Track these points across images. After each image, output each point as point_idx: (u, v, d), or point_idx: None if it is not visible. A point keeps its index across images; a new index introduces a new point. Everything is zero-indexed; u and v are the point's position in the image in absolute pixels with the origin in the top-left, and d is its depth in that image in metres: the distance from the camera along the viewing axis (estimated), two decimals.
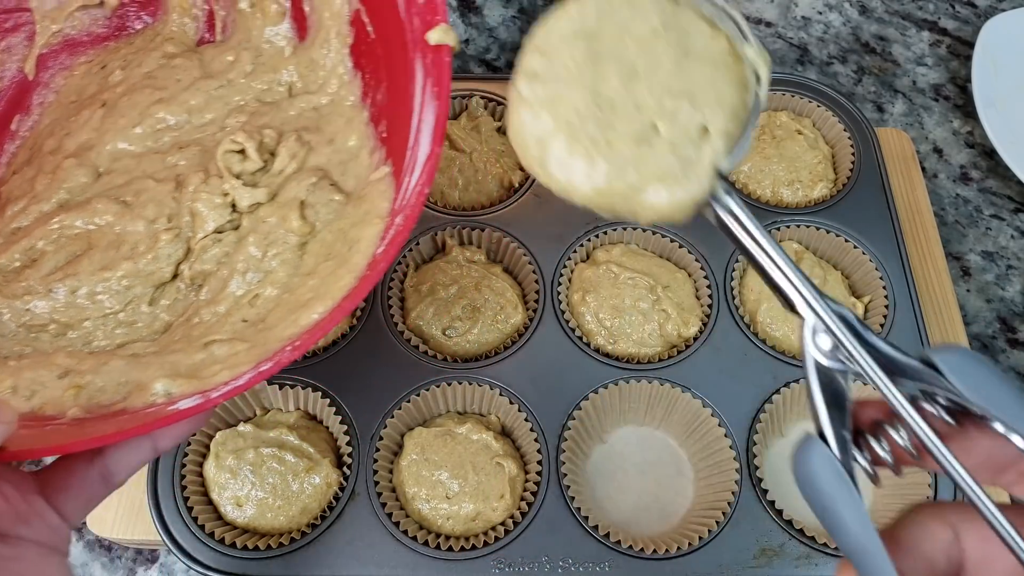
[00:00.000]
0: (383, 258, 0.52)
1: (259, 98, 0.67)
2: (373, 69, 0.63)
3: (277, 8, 0.67)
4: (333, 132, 0.63)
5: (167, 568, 0.80)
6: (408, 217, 0.51)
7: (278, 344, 0.51)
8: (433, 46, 0.53)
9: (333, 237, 0.58)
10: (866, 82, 1.12)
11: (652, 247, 0.88)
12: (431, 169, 0.52)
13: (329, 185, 0.60)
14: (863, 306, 0.84)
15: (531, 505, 0.73)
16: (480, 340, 0.81)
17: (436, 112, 0.53)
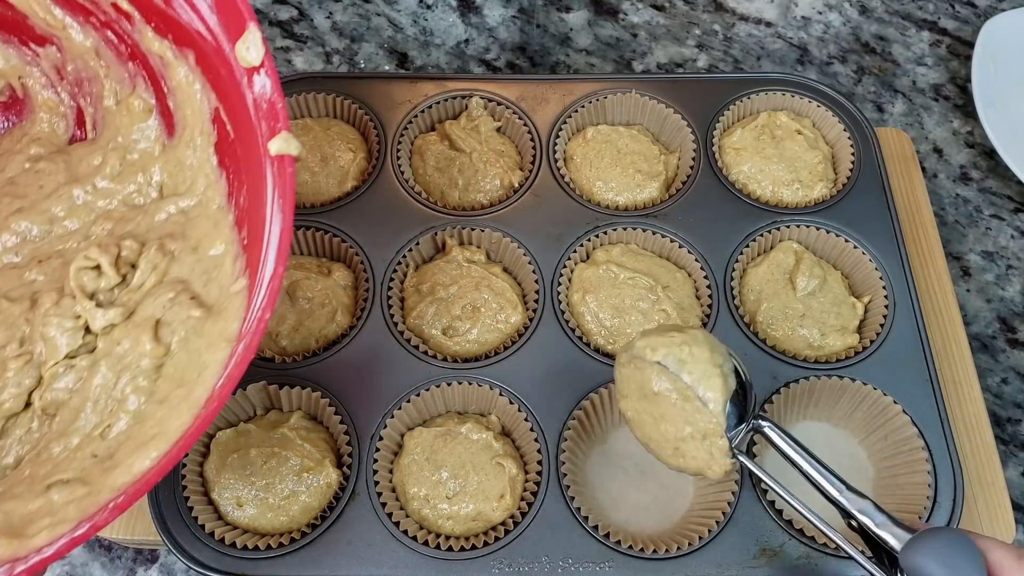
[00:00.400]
0: (219, 393, 0.48)
1: (127, 202, 0.64)
2: (236, 170, 0.60)
3: (142, 104, 0.64)
4: (199, 238, 0.60)
5: (167, 568, 0.80)
6: (248, 346, 0.49)
7: (110, 495, 0.48)
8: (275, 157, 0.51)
9: (188, 359, 0.55)
10: (866, 82, 1.12)
11: (652, 247, 0.88)
12: (274, 291, 0.49)
13: (189, 299, 0.57)
14: (863, 306, 0.84)
15: (531, 505, 0.73)
16: (480, 340, 0.81)
17: (281, 227, 0.50)
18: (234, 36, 0.53)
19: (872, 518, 0.59)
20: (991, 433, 0.80)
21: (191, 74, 0.59)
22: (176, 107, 0.62)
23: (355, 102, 0.94)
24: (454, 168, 0.90)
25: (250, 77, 0.53)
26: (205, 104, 0.60)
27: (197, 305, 0.57)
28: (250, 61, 0.53)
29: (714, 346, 0.63)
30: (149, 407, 0.54)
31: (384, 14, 1.18)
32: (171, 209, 0.62)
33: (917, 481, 0.74)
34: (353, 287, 0.85)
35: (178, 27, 0.58)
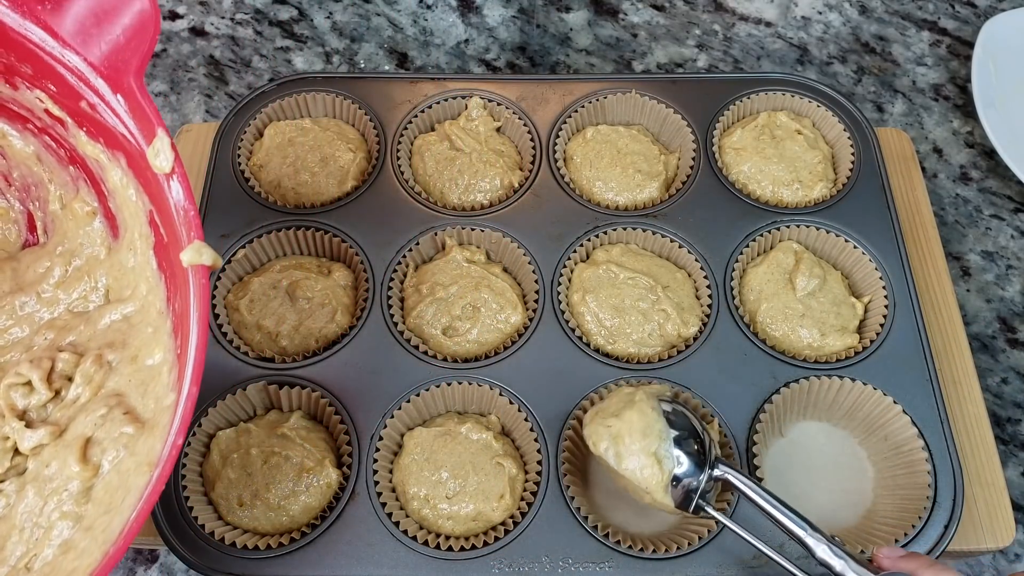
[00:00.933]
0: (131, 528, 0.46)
1: (72, 308, 0.63)
2: (171, 274, 0.58)
3: (86, 208, 0.64)
4: (139, 346, 0.59)
5: (167, 568, 0.80)
6: (160, 476, 0.46)
7: None
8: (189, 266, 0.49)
9: (119, 480, 0.52)
10: (866, 82, 1.12)
11: (652, 247, 0.88)
12: (187, 413, 0.47)
13: (123, 415, 0.55)
14: (863, 306, 0.84)
15: (531, 505, 0.73)
16: (480, 340, 0.81)
17: (197, 344, 0.48)
18: (149, 139, 0.52)
19: (834, 561, 0.62)
20: (991, 433, 0.79)
21: (125, 177, 0.59)
22: (117, 209, 0.62)
23: (355, 102, 0.94)
24: (454, 168, 0.90)
25: (168, 182, 0.52)
26: (140, 206, 0.59)
27: (131, 420, 0.55)
28: (160, 167, 0.52)
29: (647, 428, 0.67)
30: (76, 534, 0.52)
31: (384, 14, 1.18)
32: (114, 315, 0.62)
33: (917, 481, 0.74)
34: (353, 287, 0.85)
35: (106, 131, 0.57)
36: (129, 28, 0.52)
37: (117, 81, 0.53)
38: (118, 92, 0.53)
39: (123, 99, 0.53)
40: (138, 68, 0.52)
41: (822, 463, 0.80)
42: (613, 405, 0.70)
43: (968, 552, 0.75)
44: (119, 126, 0.55)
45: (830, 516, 0.77)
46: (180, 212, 0.51)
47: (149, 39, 0.52)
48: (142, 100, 0.52)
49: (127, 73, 0.52)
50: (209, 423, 0.76)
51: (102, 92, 0.54)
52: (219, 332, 0.80)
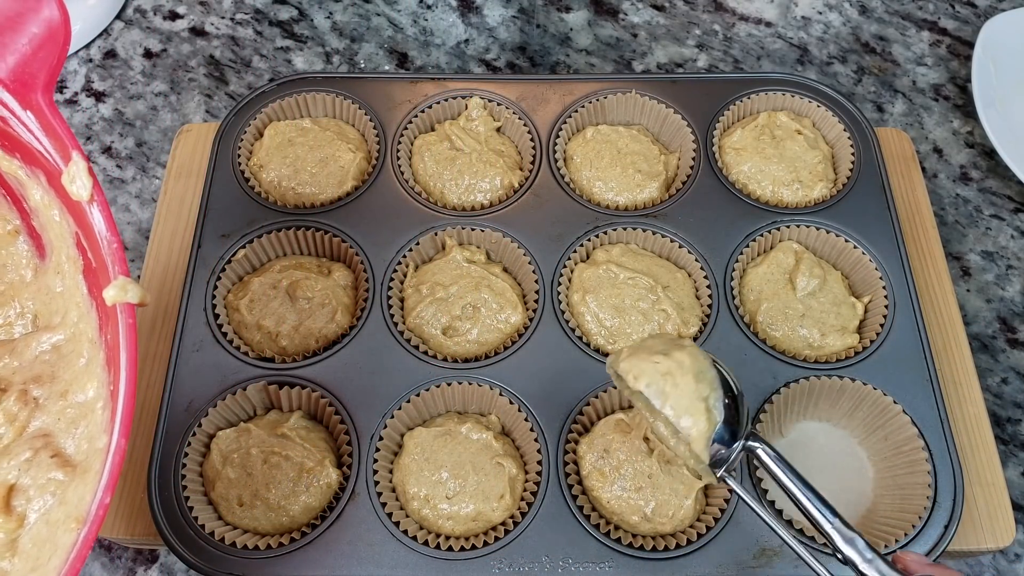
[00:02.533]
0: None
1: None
2: (102, 302, 0.51)
3: (7, 227, 0.59)
4: (70, 380, 0.53)
5: (167, 568, 0.80)
6: (87, 537, 0.42)
7: None
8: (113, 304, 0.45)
9: (48, 532, 0.48)
10: (866, 82, 1.12)
11: (652, 247, 0.88)
12: (115, 470, 0.42)
13: (50, 458, 0.51)
14: (863, 306, 0.84)
15: (531, 505, 0.73)
16: (480, 340, 0.81)
17: (125, 390, 0.44)
18: (65, 162, 0.48)
19: (862, 554, 0.58)
20: (991, 433, 0.79)
21: (46, 196, 0.54)
22: (41, 229, 0.57)
23: (355, 102, 0.94)
24: (454, 168, 0.90)
25: (88, 208, 0.47)
26: (66, 227, 0.54)
27: (60, 465, 0.50)
28: (77, 195, 0.47)
29: (700, 373, 0.62)
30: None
31: (384, 14, 1.18)
32: (43, 344, 0.56)
33: (917, 481, 0.74)
34: (353, 287, 0.85)
35: (22, 146, 0.53)
36: (36, 38, 0.48)
37: (25, 97, 0.49)
38: (27, 109, 0.49)
39: (33, 116, 0.49)
40: (46, 83, 0.48)
41: (822, 463, 0.80)
42: (658, 344, 0.64)
43: (968, 552, 0.75)
44: (34, 142, 0.50)
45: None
46: (104, 242, 0.47)
47: (58, 51, 0.48)
48: (53, 119, 0.48)
49: (35, 89, 0.48)
50: (209, 423, 0.76)
51: (11, 107, 0.50)
52: (219, 332, 0.80)
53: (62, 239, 0.55)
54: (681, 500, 0.73)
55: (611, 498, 0.73)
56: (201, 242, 0.85)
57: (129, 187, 1.00)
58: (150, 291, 0.84)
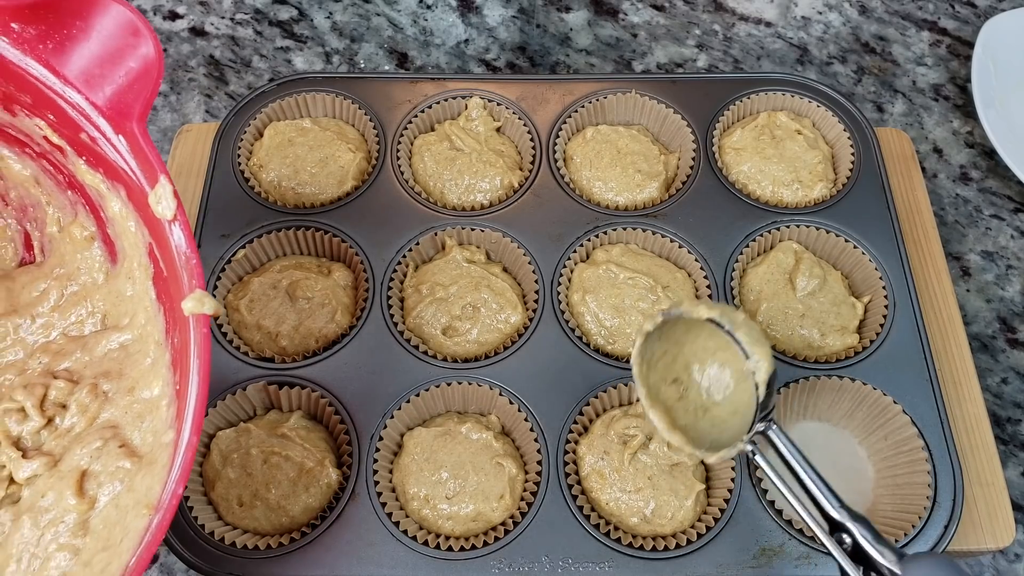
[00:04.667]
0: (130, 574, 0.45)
1: (67, 332, 0.62)
2: (170, 308, 0.56)
3: (84, 233, 0.63)
4: (136, 377, 0.57)
5: (167, 568, 0.80)
6: (161, 524, 0.45)
7: None
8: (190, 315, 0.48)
9: (117, 515, 0.51)
10: (866, 82, 1.12)
11: (652, 247, 0.88)
12: (187, 463, 0.45)
13: (118, 448, 0.54)
14: (863, 306, 0.84)
15: (531, 505, 0.73)
16: (480, 340, 0.81)
17: (197, 394, 0.47)
18: (151, 184, 0.52)
19: (867, 536, 0.58)
20: (991, 433, 0.79)
21: (124, 208, 0.58)
22: (116, 237, 0.61)
23: (355, 102, 0.94)
24: (454, 168, 0.90)
25: (170, 227, 0.51)
26: (140, 238, 0.58)
27: (127, 454, 0.53)
28: (162, 214, 0.51)
29: (763, 339, 0.62)
30: (75, 568, 0.51)
31: (384, 14, 1.18)
32: (111, 343, 0.60)
33: (917, 481, 0.74)
34: (353, 287, 0.85)
35: (106, 163, 0.56)
36: (133, 72, 0.52)
37: (119, 124, 0.52)
38: (120, 134, 0.53)
39: (125, 140, 0.53)
40: (141, 114, 0.52)
41: (822, 463, 0.79)
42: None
43: (968, 552, 0.75)
44: (120, 161, 0.54)
45: None
46: (182, 257, 0.51)
47: (152, 84, 0.51)
48: (144, 146, 0.52)
49: (130, 118, 0.52)
50: (209, 423, 0.76)
51: (103, 129, 0.54)
52: (219, 332, 0.80)
53: (135, 248, 0.59)
54: (681, 501, 0.73)
55: (610, 499, 0.73)
56: (201, 242, 0.85)
57: None
58: None
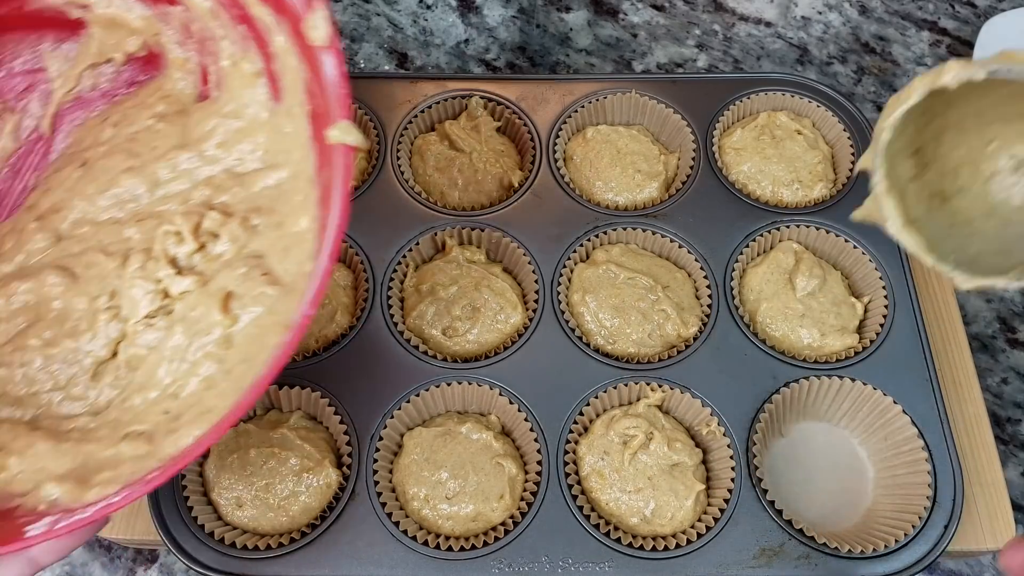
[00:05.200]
0: (259, 383, 0.49)
1: (230, 170, 0.65)
2: (323, 144, 0.59)
3: (251, 68, 0.65)
4: (286, 213, 0.61)
5: (167, 568, 0.80)
6: (291, 342, 0.49)
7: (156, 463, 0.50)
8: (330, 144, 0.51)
9: (257, 333, 0.56)
10: (866, 82, 1.12)
11: (652, 247, 0.88)
12: (319, 290, 0.49)
13: (261, 275, 0.58)
14: (863, 306, 0.84)
15: (531, 505, 0.73)
16: (480, 340, 0.81)
17: (338, 220, 0.50)
18: (308, 11, 0.54)
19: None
20: (991, 433, 0.79)
21: (287, 42, 0.60)
22: (279, 73, 0.63)
23: (355, 102, 0.94)
24: (454, 168, 0.90)
25: (322, 56, 0.53)
26: (300, 74, 0.61)
27: (270, 282, 0.58)
28: (315, 40, 0.53)
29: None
30: (218, 375, 0.56)
31: (384, 14, 1.18)
32: (269, 180, 0.64)
33: (917, 481, 0.74)
34: (353, 287, 0.85)
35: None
36: None
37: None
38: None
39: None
40: None
41: (822, 463, 0.80)
42: None
43: (968, 552, 0.75)
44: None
45: (830, 516, 0.77)
46: (333, 88, 0.52)
47: None
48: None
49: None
50: None
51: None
52: None
53: (295, 85, 0.61)
54: (681, 501, 0.73)
55: (610, 500, 0.73)
56: None
57: None
58: None
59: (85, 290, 0.60)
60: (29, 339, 0.58)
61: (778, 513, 0.73)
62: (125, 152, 0.66)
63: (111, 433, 0.55)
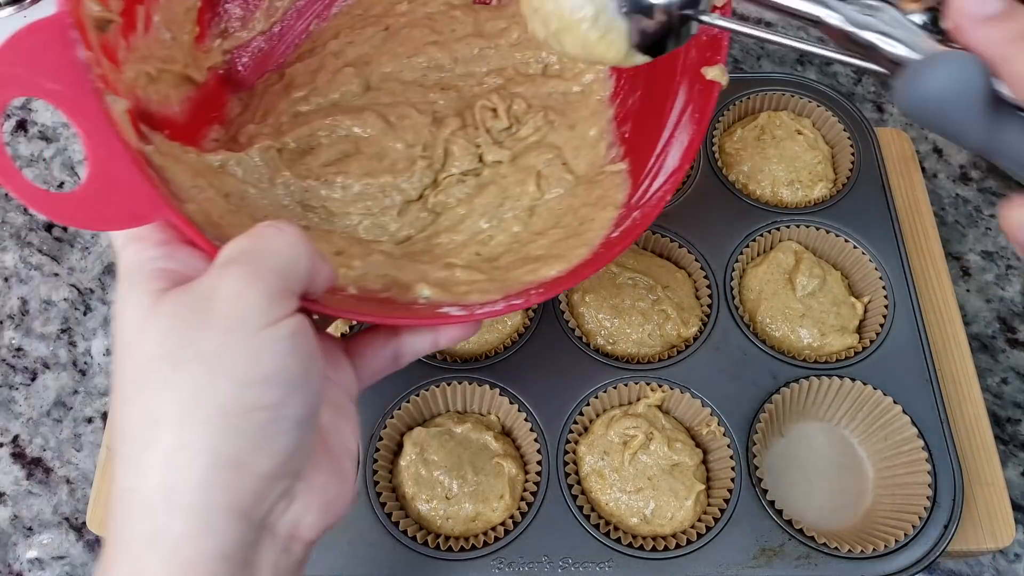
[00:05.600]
0: (619, 242, 0.57)
1: (517, 68, 0.72)
2: (630, 77, 0.68)
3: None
4: (576, 119, 0.69)
5: None
6: (646, 215, 0.57)
7: (519, 286, 0.56)
8: (705, 80, 0.58)
9: (562, 209, 0.64)
10: (866, 82, 1.12)
11: (652, 247, 0.88)
12: (676, 180, 0.57)
13: (561, 164, 0.66)
14: (863, 306, 0.84)
15: (531, 505, 0.73)
16: (480, 340, 0.81)
17: (692, 135, 0.58)
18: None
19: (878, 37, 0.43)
20: (991, 433, 0.79)
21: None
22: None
23: None
24: None
25: None
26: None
27: (568, 171, 0.66)
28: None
29: None
30: (526, 235, 0.63)
31: None
32: (553, 88, 0.70)
33: (917, 481, 0.74)
34: None
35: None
36: None
37: None
38: None
39: None
40: None
41: (822, 463, 0.80)
42: None
43: (968, 552, 0.75)
44: None
45: (830, 516, 0.77)
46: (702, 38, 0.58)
47: None
48: None
49: None
50: None
51: None
52: None
53: None
54: (681, 502, 0.73)
55: (610, 500, 0.73)
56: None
57: None
58: None
59: (401, 137, 0.66)
60: (351, 166, 0.64)
61: (778, 513, 0.73)
62: (427, 27, 0.73)
63: (430, 261, 0.60)
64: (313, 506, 0.44)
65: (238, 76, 0.69)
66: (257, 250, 0.41)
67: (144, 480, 0.38)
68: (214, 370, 0.38)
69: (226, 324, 0.39)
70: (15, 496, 0.82)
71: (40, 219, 0.98)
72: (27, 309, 0.92)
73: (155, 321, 0.39)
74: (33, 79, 0.39)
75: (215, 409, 0.38)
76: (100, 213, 0.42)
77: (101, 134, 0.41)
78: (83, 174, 0.83)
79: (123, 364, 0.40)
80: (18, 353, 0.89)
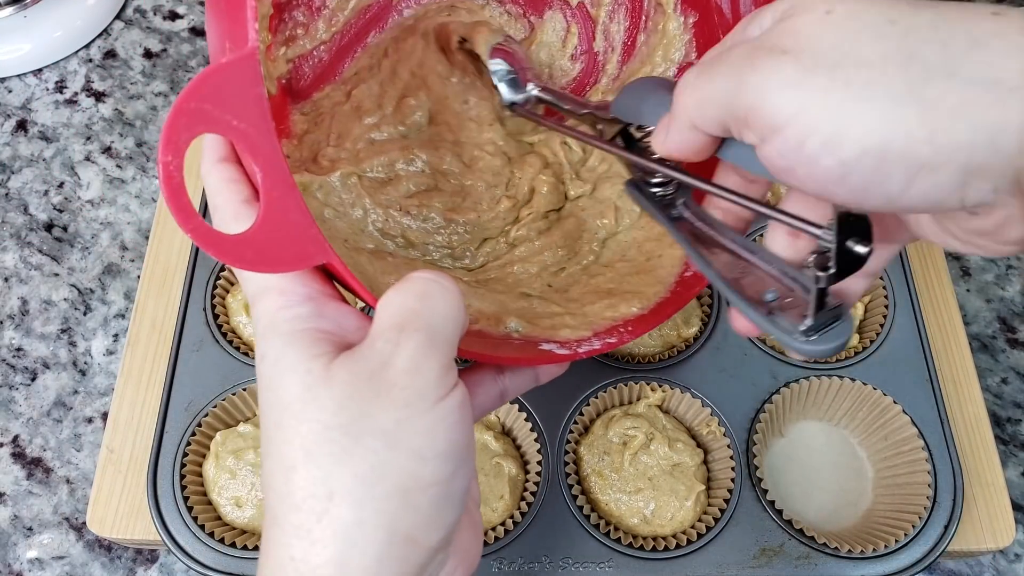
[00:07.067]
0: (695, 282, 0.57)
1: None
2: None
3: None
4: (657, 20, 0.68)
5: (167, 568, 0.80)
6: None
7: (605, 322, 0.56)
8: None
9: (628, 242, 0.64)
10: None
11: None
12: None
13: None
14: (863, 306, 0.84)
15: (531, 505, 0.73)
16: None
17: None
18: None
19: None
20: (991, 433, 0.79)
21: None
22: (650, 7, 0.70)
23: None
24: None
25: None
26: (679, 21, 0.67)
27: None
28: None
29: None
30: (596, 267, 0.63)
31: None
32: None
33: (917, 481, 0.74)
34: None
35: None
36: None
37: None
38: None
39: None
40: None
41: (822, 463, 0.80)
42: None
43: (968, 552, 0.75)
44: None
45: (830, 516, 0.77)
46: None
47: None
48: None
49: None
50: (209, 423, 0.76)
51: None
52: (218, 332, 0.80)
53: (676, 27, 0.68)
54: (681, 502, 0.73)
55: (610, 500, 0.73)
56: None
57: (129, 187, 1.00)
58: (150, 291, 0.84)
59: (481, 177, 0.66)
60: (432, 199, 0.63)
61: (778, 513, 0.73)
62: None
63: (505, 290, 0.60)
64: (461, 565, 0.44)
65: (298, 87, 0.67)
66: (428, 314, 0.40)
67: (317, 554, 0.37)
68: (392, 446, 0.37)
69: (404, 398, 0.38)
70: (15, 496, 0.82)
71: (40, 219, 0.98)
72: (27, 309, 0.92)
73: (328, 391, 0.38)
74: (222, 116, 0.38)
75: (392, 486, 0.37)
76: (270, 254, 0.40)
77: (277, 174, 0.40)
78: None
79: (291, 430, 0.38)
80: (18, 353, 0.89)
